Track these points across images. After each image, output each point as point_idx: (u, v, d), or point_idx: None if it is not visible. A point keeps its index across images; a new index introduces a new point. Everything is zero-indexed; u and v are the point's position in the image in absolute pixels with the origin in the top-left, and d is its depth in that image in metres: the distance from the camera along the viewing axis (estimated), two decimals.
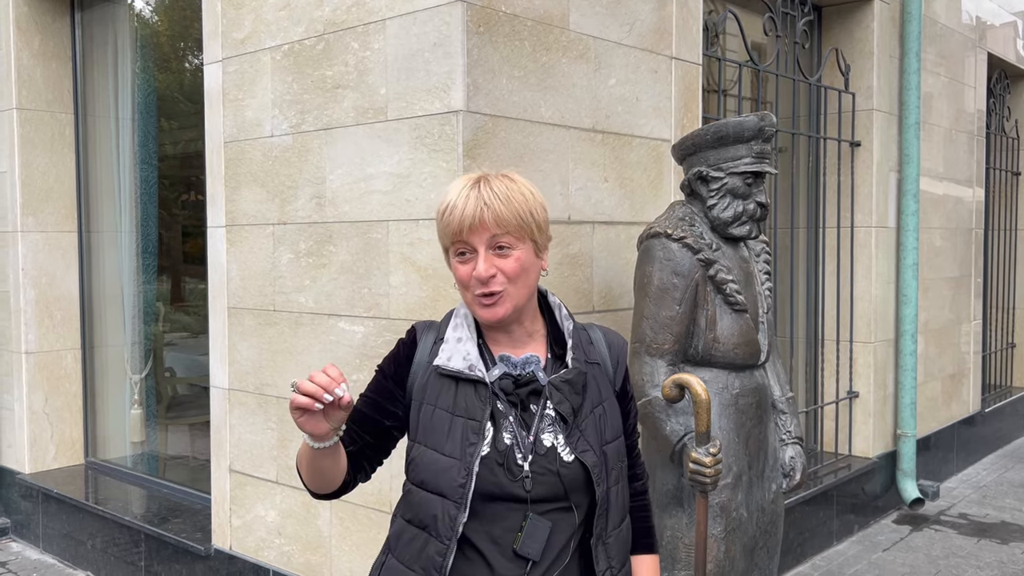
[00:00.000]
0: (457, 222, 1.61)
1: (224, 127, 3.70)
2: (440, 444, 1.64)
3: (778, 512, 2.95)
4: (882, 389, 5.32)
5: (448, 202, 1.63)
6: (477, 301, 1.65)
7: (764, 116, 2.82)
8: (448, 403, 1.66)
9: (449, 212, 1.62)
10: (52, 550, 4.87)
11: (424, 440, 1.66)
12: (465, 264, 1.64)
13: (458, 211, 1.61)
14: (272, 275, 3.54)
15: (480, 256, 1.62)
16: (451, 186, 1.67)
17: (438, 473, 1.62)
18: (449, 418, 1.65)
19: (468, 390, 1.66)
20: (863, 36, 5.16)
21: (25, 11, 4.96)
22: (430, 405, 1.67)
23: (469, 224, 1.60)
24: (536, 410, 1.67)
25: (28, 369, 5.00)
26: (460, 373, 1.66)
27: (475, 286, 1.64)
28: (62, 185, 5.11)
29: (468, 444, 1.62)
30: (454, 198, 1.63)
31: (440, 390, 1.67)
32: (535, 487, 1.62)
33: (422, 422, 1.67)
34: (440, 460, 1.63)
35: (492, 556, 1.61)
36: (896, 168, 5.39)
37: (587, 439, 1.67)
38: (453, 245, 1.65)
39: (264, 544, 3.64)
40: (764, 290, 2.98)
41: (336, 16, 3.21)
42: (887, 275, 5.33)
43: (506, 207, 1.61)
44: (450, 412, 1.65)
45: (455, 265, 1.66)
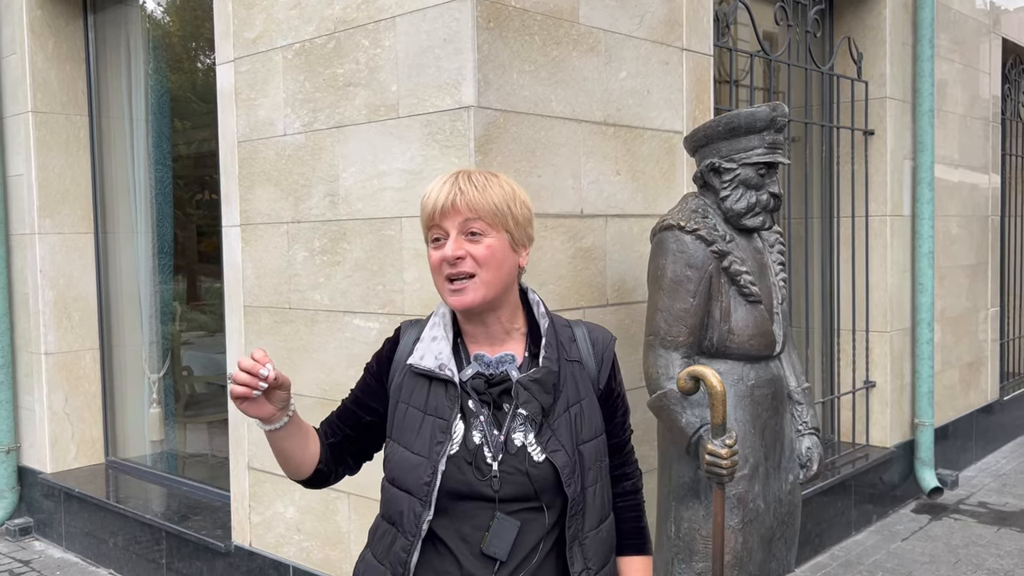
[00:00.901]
0: (431, 207, 1.64)
1: (237, 127, 3.72)
2: (410, 442, 1.66)
3: (795, 503, 2.95)
4: (899, 378, 5.30)
5: (428, 192, 1.67)
6: (446, 288, 1.66)
7: (776, 106, 2.81)
8: (421, 401, 1.68)
9: (425, 200, 1.67)
10: (75, 548, 4.92)
11: (397, 438, 1.70)
12: (438, 250, 1.66)
13: (432, 198, 1.65)
14: (287, 273, 3.56)
15: (451, 239, 1.64)
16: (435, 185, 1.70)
17: (407, 471, 1.65)
18: (420, 416, 1.67)
19: (439, 389, 1.67)
20: (875, 24, 5.13)
21: (39, 14, 4.99)
22: (404, 403, 1.70)
23: (441, 207, 1.63)
24: (508, 409, 1.66)
25: (48, 370, 5.05)
26: (431, 372, 1.68)
27: (445, 268, 1.64)
28: (78, 187, 5.15)
29: (435, 443, 1.63)
30: (433, 188, 1.67)
31: (414, 388, 1.70)
32: (504, 486, 1.61)
33: (397, 419, 1.71)
34: (409, 458, 1.65)
35: (461, 553, 1.62)
36: (910, 156, 5.36)
37: (559, 438, 1.65)
38: (429, 232, 1.68)
39: (283, 540, 3.67)
40: (778, 281, 2.97)
41: (346, 14, 3.22)
42: (903, 264, 5.30)
43: (480, 194, 1.63)
44: (422, 411, 1.67)
45: (429, 253, 1.68)
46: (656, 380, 2.79)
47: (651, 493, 3.40)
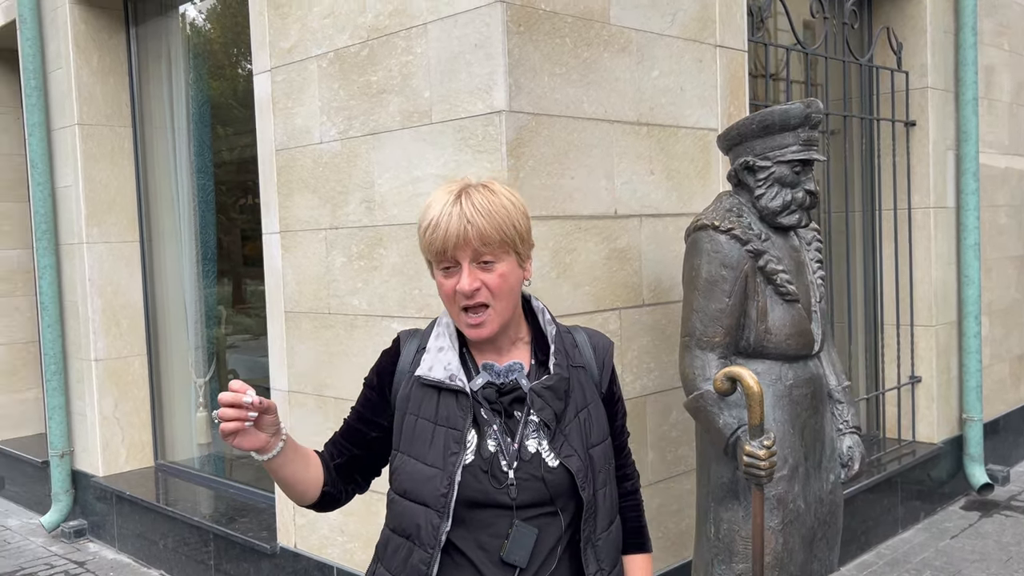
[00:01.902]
0: (441, 240, 1.61)
1: (275, 135, 3.78)
2: (423, 454, 1.65)
3: (837, 502, 2.92)
4: (945, 373, 5.21)
5: (431, 219, 1.63)
6: (464, 318, 1.67)
7: (810, 103, 2.78)
8: (431, 412, 1.67)
9: (432, 230, 1.62)
10: (127, 550, 5.04)
11: (407, 450, 1.68)
12: (449, 278, 1.65)
13: (441, 230, 1.61)
14: (326, 279, 3.60)
15: (464, 270, 1.63)
16: (432, 199, 1.67)
17: (421, 483, 1.64)
18: (432, 427, 1.66)
19: (450, 400, 1.67)
20: (915, 12, 5.05)
21: (83, 29, 5.11)
22: (412, 415, 1.69)
23: (454, 243, 1.61)
24: (520, 417, 1.67)
25: (98, 376, 5.17)
26: (441, 383, 1.67)
27: (460, 299, 1.65)
28: (123, 196, 5.27)
29: (450, 453, 1.63)
30: (436, 215, 1.62)
31: (423, 400, 1.69)
32: (520, 493, 1.63)
33: (405, 431, 1.69)
34: (423, 469, 1.64)
35: (481, 563, 1.62)
36: (954, 146, 5.26)
37: (571, 444, 1.67)
38: (438, 261, 1.65)
39: (327, 542, 3.72)
40: (816, 279, 2.94)
41: (379, 22, 3.25)
42: (947, 256, 5.21)
43: (488, 222, 1.61)
44: (432, 422, 1.66)
45: (440, 280, 1.67)
46: (692, 381, 2.78)
47: (690, 494, 3.41)
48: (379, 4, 3.24)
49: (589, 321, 3.13)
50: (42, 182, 5.24)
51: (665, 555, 3.46)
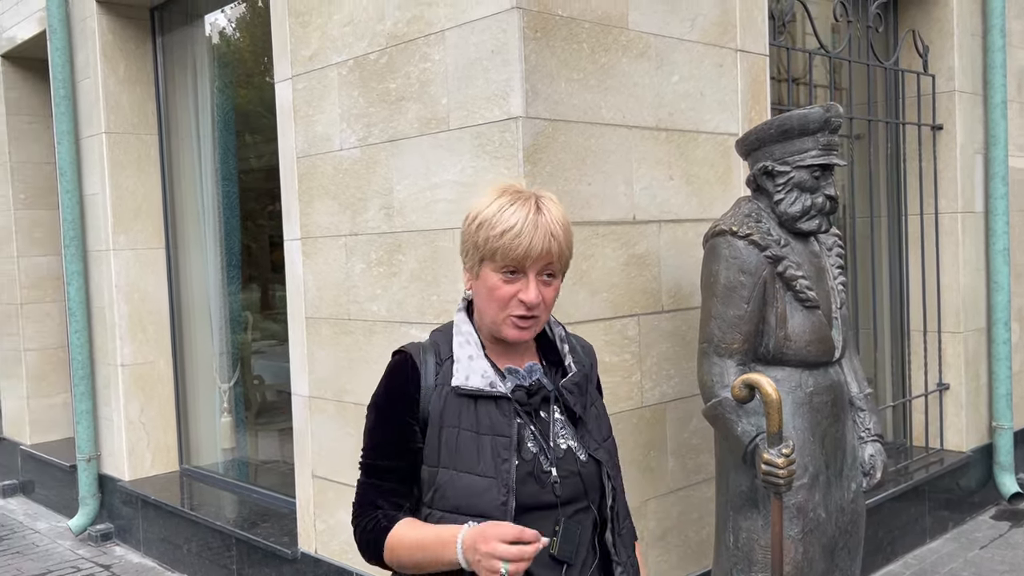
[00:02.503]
0: (524, 249, 1.61)
1: (296, 143, 3.80)
2: (472, 465, 1.64)
3: (859, 512, 2.88)
4: (974, 380, 5.13)
5: (512, 225, 1.62)
6: (510, 321, 1.67)
7: (830, 107, 2.75)
8: (471, 422, 1.65)
9: (514, 236, 1.61)
10: (152, 554, 5.08)
11: (452, 464, 1.65)
12: (511, 284, 1.65)
13: (525, 239, 1.61)
14: (346, 285, 3.62)
15: (532, 282, 1.65)
16: (497, 202, 1.67)
17: (476, 495, 1.62)
18: (475, 438, 1.65)
19: (490, 407, 1.67)
20: (941, 15, 4.98)
21: (110, 39, 5.18)
22: (452, 427, 1.66)
23: (536, 255, 1.62)
24: (547, 416, 1.71)
25: (124, 380, 5.23)
26: (481, 391, 1.67)
27: (515, 308, 1.66)
28: (149, 204, 5.33)
29: (501, 461, 1.63)
30: (519, 222, 1.62)
31: (460, 410, 1.66)
32: (562, 491, 1.67)
33: (446, 446, 1.65)
34: (476, 481, 1.62)
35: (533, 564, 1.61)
36: (982, 150, 5.18)
37: (594, 437, 1.75)
38: (503, 264, 1.64)
39: (347, 547, 3.73)
40: (837, 285, 2.91)
41: (397, 29, 3.27)
42: (976, 262, 5.13)
43: (564, 241, 1.67)
44: (475, 431, 1.65)
45: (498, 283, 1.65)
46: (711, 388, 2.76)
47: (710, 502, 3.37)
48: (397, 12, 3.26)
49: (607, 328, 3.12)
50: (70, 189, 5.31)
51: (685, 563, 3.43)
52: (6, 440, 6.85)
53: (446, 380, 1.69)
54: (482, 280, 1.68)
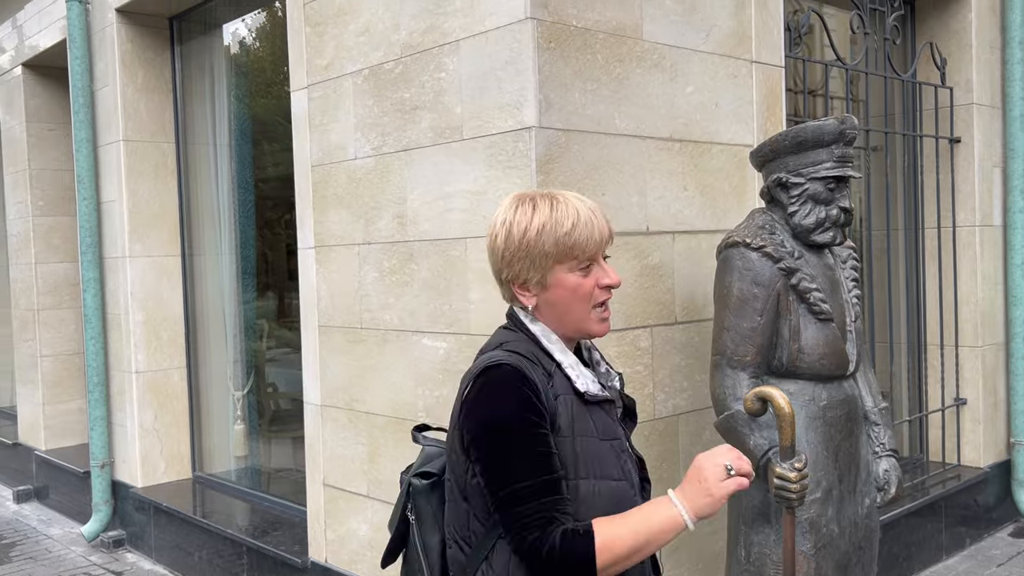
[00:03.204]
0: (598, 239, 1.67)
1: (311, 151, 3.82)
2: (608, 472, 1.66)
3: (872, 527, 2.85)
4: (992, 395, 5.07)
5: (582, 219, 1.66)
6: (595, 316, 1.71)
7: (845, 119, 2.73)
8: (592, 429, 1.66)
9: (585, 225, 1.66)
10: (163, 561, 5.09)
11: (591, 473, 1.63)
12: (588, 277, 1.69)
13: (596, 230, 1.67)
14: (359, 294, 3.62)
15: (604, 266, 1.71)
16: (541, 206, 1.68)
17: (619, 502, 1.63)
18: (598, 443, 1.66)
19: (599, 412, 1.70)
20: (960, 28, 4.95)
21: (129, 48, 5.23)
22: (581, 436, 1.65)
23: (605, 238, 1.69)
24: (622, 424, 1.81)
25: (138, 388, 5.25)
26: (597, 397, 1.69)
27: (600, 296, 1.70)
28: (166, 211, 5.36)
29: (623, 464, 1.69)
30: (584, 216, 1.66)
31: (585, 419, 1.67)
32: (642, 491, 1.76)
33: (583, 455, 1.63)
34: (616, 487, 1.65)
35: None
36: (1000, 163, 5.14)
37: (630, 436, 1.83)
38: (581, 261, 1.67)
39: (357, 557, 3.72)
40: (851, 298, 2.88)
41: (412, 39, 3.27)
42: (994, 276, 5.08)
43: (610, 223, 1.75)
44: (597, 438, 1.67)
45: (578, 280, 1.68)
46: (723, 401, 2.74)
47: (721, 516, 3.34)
48: (413, 22, 3.27)
49: (620, 339, 3.10)
50: (88, 197, 5.35)
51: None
52: (21, 445, 6.89)
53: (564, 389, 1.66)
54: (557, 285, 1.68)
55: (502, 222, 1.70)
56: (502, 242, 1.69)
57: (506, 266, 1.70)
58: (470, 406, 1.62)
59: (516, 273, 1.69)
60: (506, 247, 1.69)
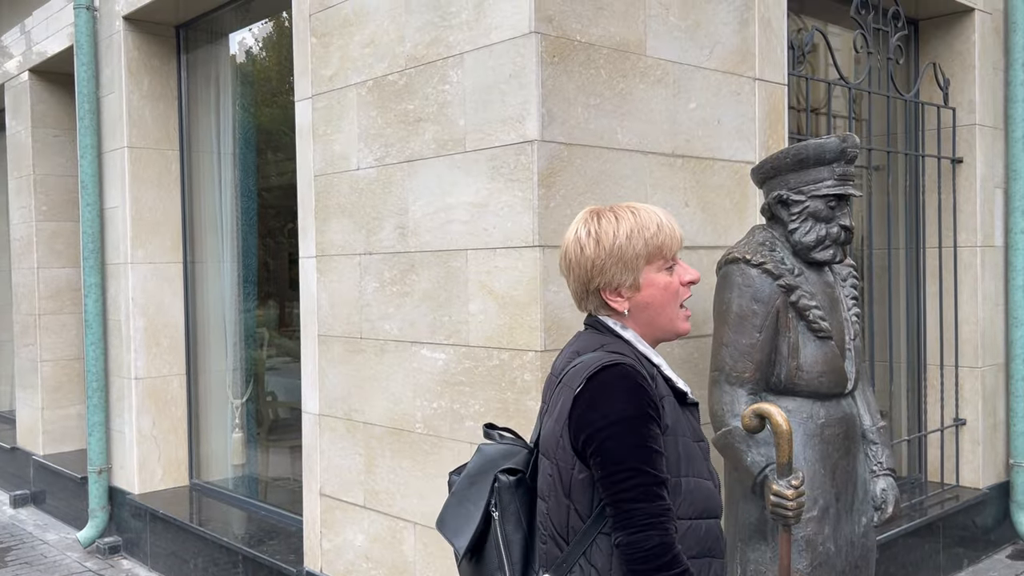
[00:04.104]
0: (679, 238, 1.81)
1: (314, 161, 3.83)
2: (701, 471, 1.74)
3: (869, 546, 2.84)
4: (991, 416, 5.06)
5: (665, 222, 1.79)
6: (682, 315, 1.82)
7: (847, 137, 2.74)
8: (685, 430, 1.75)
9: (668, 226, 1.78)
10: (159, 568, 5.08)
11: (688, 471, 1.72)
12: (672, 275, 1.80)
13: (677, 229, 1.80)
14: (359, 303, 3.63)
15: (683, 265, 1.83)
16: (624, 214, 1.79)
17: (711, 498, 1.74)
18: (691, 444, 1.75)
19: (689, 415, 1.79)
20: (963, 49, 4.97)
21: (135, 55, 5.26)
22: (682, 436, 1.73)
23: (682, 241, 1.82)
24: None
25: (137, 394, 5.25)
26: (693, 399, 1.80)
27: (684, 293, 1.82)
28: (168, 218, 5.37)
29: (709, 464, 1.76)
30: (665, 219, 1.79)
31: (682, 419, 1.75)
32: None
33: (682, 454, 1.72)
34: (708, 486, 1.74)
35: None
36: (1003, 184, 5.15)
37: None
38: (667, 260, 1.78)
39: (352, 568, 3.71)
40: (851, 316, 2.89)
41: (417, 51, 3.29)
42: (995, 297, 5.08)
43: None
44: (690, 438, 1.75)
45: (668, 278, 1.79)
46: (721, 417, 2.73)
47: None
48: (418, 34, 3.28)
49: None
50: (91, 203, 5.37)
51: None
52: (19, 450, 6.89)
53: (665, 391, 1.74)
54: (650, 284, 1.78)
55: (588, 233, 1.78)
56: (592, 251, 1.77)
57: (598, 274, 1.77)
58: (589, 403, 1.66)
59: (610, 279, 1.77)
60: (597, 255, 1.76)
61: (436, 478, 3.27)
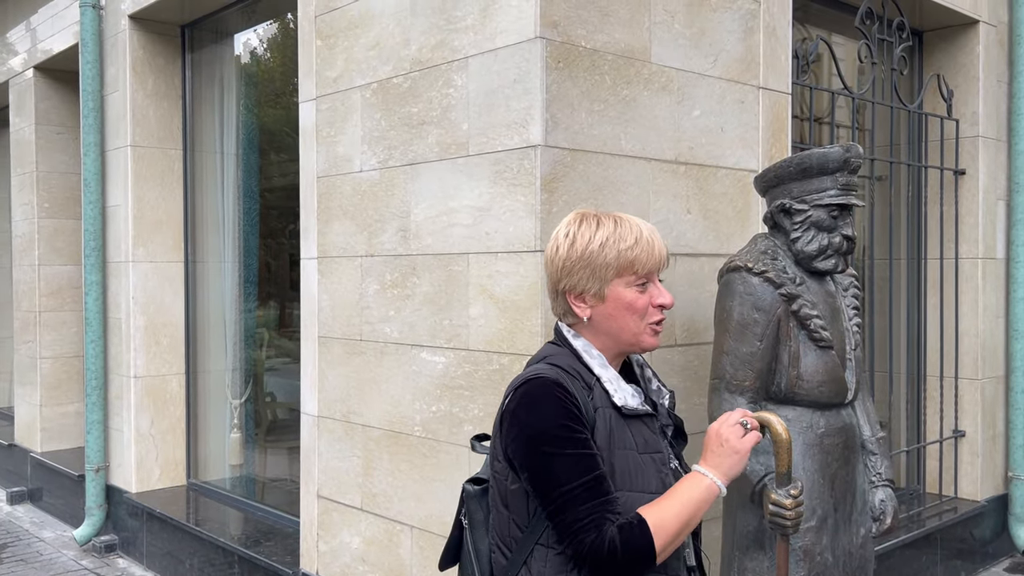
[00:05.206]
0: (658, 258, 1.75)
1: (317, 163, 3.83)
2: (645, 485, 1.71)
3: (867, 557, 2.83)
4: (991, 428, 5.05)
5: (644, 236, 1.74)
6: (649, 330, 1.77)
7: (850, 147, 2.74)
8: (632, 443, 1.72)
9: (647, 242, 1.73)
10: (155, 567, 5.07)
11: (627, 485, 1.69)
12: (644, 294, 1.75)
13: (657, 248, 1.75)
14: (359, 306, 3.62)
15: (659, 287, 1.78)
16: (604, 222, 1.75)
17: None
18: (638, 457, 1.72)
19: (641, 426, 1.75)
20: (967, 61, 4.97)
21: (140, 54, 5.26)
22: (621, 450, 1.70)
23: (664, 258, 1.77)
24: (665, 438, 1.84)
25: (136, 392, 5.25)
26: (637, 411, 1.74)
27: (653, 315, 1.76)
28: (170, 217, 5.38)
29: (663, 476, 1.72)
30: (645, 234, 1.74)
31: (623, 432, 1.72)
32: None
33: (620, 468, 1.69)
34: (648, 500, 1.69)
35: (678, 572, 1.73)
36: (1005, 197, 5.15)
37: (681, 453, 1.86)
38: (635, 277, 1.74)
39: (349, 570, 3.70)
40: (852, 326, 2.88)
41: (422, 55, 3.29)
42: (995, 309, 5.08)
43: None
44: (637, 451, 1.72)
45: (635, 295, 1.74)
46: None
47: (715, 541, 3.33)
48: (423, 37, 3.29)
49: None
50: (94, 200, 5.37)
51: None
52: (17, 447, 6.89)
53: (603, 403, 1.72)
54: (614, 298, 1.74)
55: (566, 234, 1.78)
56: (564, 252, 1.76)
57: (565, 275, 1.77)
58: (511, 417, 1.70)
59: (575, 283, 1.76)
60: (568, 256, 1.76)
61: (434, 482, 3.26)
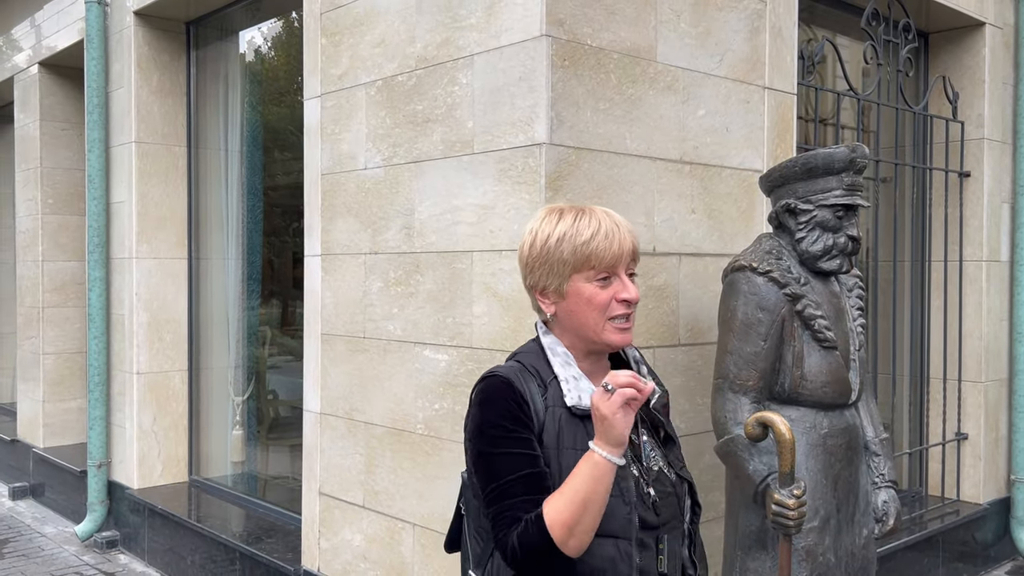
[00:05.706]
0: (617, 251, 1.68)
1: (321, 160, 3.83)
2: None
3: (869, 558, 2.83)
4: (994, 431, 5.05)
5: (603, 230, 1.68)
6: (611, 327, 1.70)
7: (856, 147, 2.74)
8: (584, 443, 1.66)
9: (605, 236, 1.67)
10: (156, 564, 5.07)
11: None
12: (606, 289, 1.70)
13: (616, 242, 1.68)
14: (363, 303, 3.62)
15: (626, 281, 1.71)
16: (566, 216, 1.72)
17: (606, 517, 1.61)
18: None
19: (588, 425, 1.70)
20: (973, 63, 4.97)
21: (145, 51, 5.27)
22: (570, 449, 1.66)
23: (627, 251, 1.70)
24: (636, 438, 1.76)
25: (139, 389, 5.25)
26: (585, 411, 1.69)
27: (616, 309, 1.70)
28: (174, 214, 5.38)
29: (620, 479, 1.64)
30: (605, 227, 1.68)
31: (575, 432, 1.68)
32: (662, 511, 1.71)
33: (565, 468, 1.64)
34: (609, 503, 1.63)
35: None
36: (1009, 199, 5.14)
37: (676, 456, 1.80)
38: (595, 272, 1.69)
39: (350, 568, 3.70)
40: (856, 326, 2.88)
41: (427, 52, 3.29)
42: (999, 311, 5.07)
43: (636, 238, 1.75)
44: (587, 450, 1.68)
45: (594, 291, 1.69)
46: (724, 425, 2.73)
47: (718, 541, 3.32)
48: (428, 35, 3.28)
49: None
50: (98, 197, 5.37)
51: None
52: (19, 442, 6.89)
53: (556, 401, 1.69)
54: (574, 294, 1.71)
55: (530, 230, 1.78)
56: (527, 249, 1.76)
57: (529, 272, 1.77)
58: (468, 412, 1.74)
59: (537, 280, 1.75)
60: (530, 253, 1.75)
61: (436, 479, 3.26)
